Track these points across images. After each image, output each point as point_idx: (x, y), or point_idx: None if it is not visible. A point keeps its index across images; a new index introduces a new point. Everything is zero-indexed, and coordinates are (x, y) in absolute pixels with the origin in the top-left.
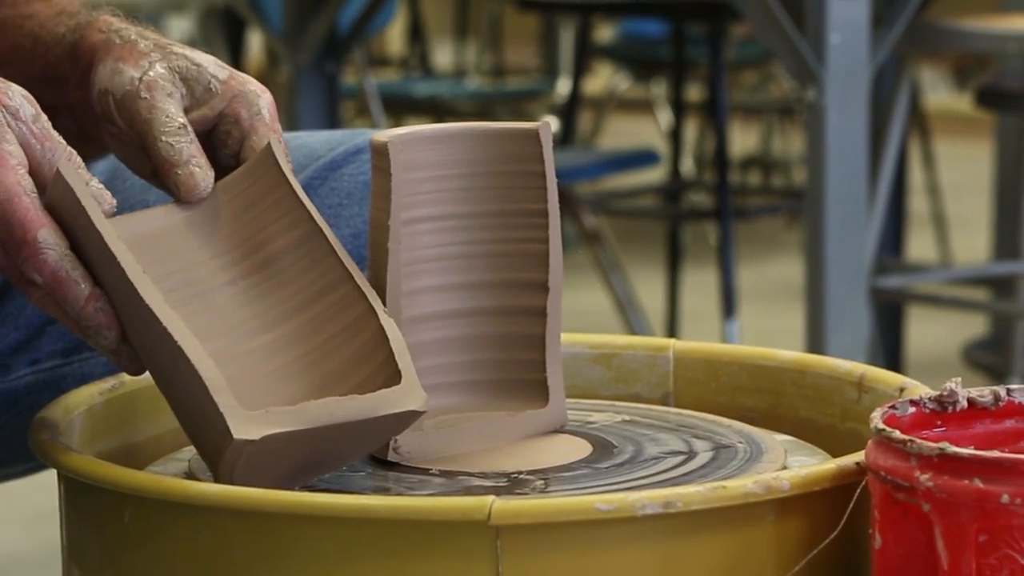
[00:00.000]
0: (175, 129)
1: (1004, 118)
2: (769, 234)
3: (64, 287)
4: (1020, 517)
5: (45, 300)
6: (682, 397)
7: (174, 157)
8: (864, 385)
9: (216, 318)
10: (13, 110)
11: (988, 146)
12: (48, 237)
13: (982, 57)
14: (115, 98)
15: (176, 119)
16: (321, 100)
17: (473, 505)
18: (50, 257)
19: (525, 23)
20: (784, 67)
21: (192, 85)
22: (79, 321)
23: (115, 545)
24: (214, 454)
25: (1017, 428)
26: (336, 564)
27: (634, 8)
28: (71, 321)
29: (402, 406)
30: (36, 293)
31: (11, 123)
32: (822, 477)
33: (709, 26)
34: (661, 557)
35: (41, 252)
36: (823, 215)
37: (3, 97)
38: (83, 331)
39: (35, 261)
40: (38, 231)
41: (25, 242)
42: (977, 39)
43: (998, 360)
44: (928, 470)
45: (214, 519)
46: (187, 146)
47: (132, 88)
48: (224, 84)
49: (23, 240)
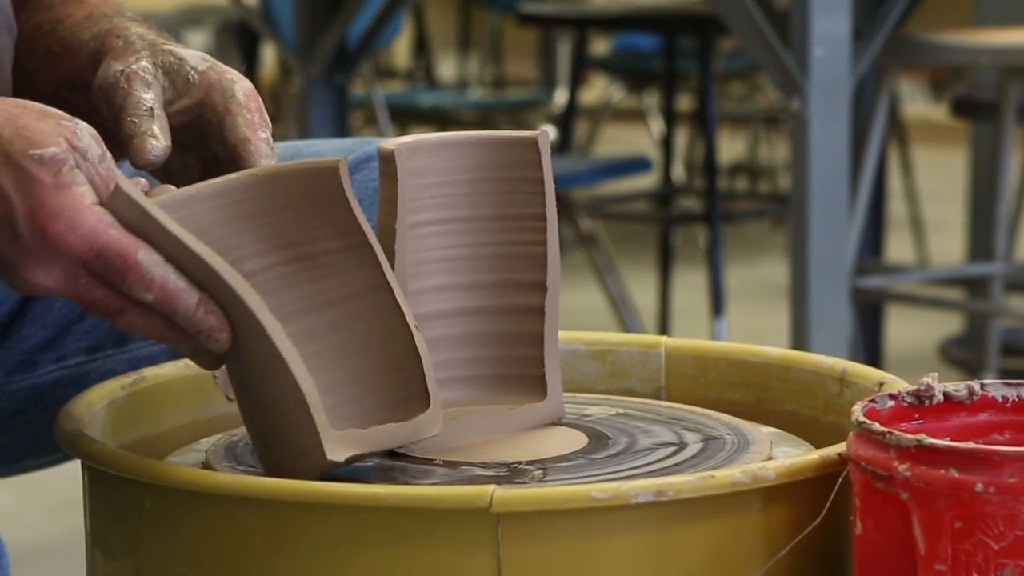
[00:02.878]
0: (142, 111)
1: (978, 127)
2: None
3: (175, 298)
4: (993, 505)
5: (148, 320)
6: (673, 391)
7: (133, 130)
8: (845, 380)
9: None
10: (82, 151)
11: (963, 153)
12: (147, 257)
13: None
14: (102, 91)
15: (145, 103)
16: (331, 110)
17: (475, 494)
18: (156, 274)
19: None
20: (770, 78)
21: (173, 78)
22: (192, 326)
23: (136, 532)
24: (290, 460)
25: (990, 421)
26: (345, 550)
27: (627, 23)
28: (177, 334)
29: (432, 431)
30: (135, 315)
31: (81, 164)
32: (806, 467)
33: (698, 40)
34: (653, 543)
35: (147, 272)
36: (807, 219)
37: (73, 139)
38: (191, 339)
39: (144, 282)
40: (137, 254)
41: (128, 268)
42: (953, 52)
43: (972, 356)
44: (906, 460)
45: (230, 507)
46: (146, 121)
47: (115, 80)
48: (201, 75)
49: (125, 267)
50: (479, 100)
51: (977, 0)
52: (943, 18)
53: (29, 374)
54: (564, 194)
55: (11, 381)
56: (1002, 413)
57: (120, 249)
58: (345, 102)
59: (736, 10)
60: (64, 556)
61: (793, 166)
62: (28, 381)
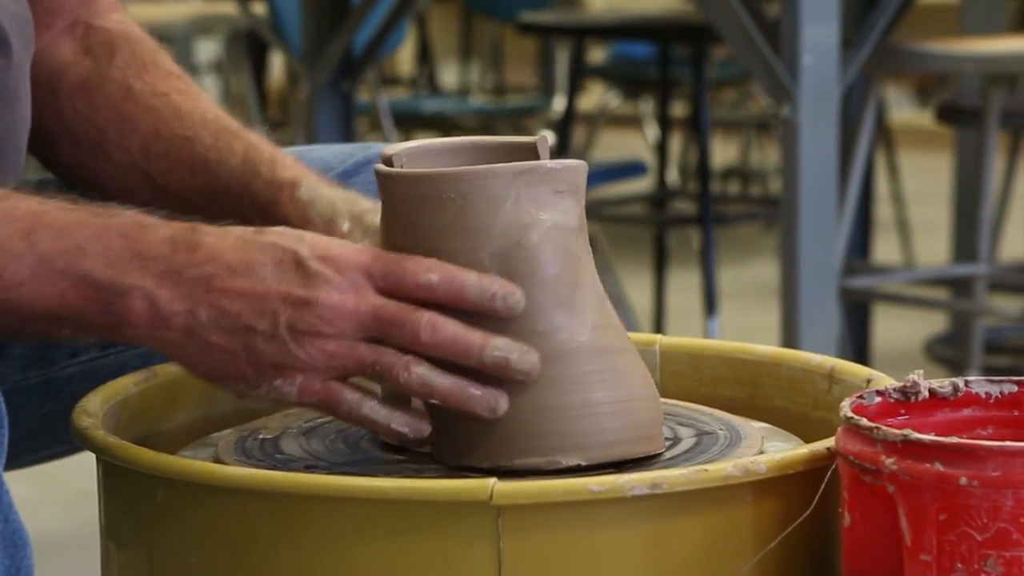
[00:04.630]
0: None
1: (962, 132)
2: (747, 239)
3: (461, 340)
4: (977, 497)
5: (425, 375)
6: (668, 388)
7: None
8: (834, 377)
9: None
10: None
11: (948, 158)
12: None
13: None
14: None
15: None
16: (337, 116)
17: (477, 487)
18: (447, 324)
19: (524, 45)
20: (761, 86)
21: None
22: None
23: (149, 524)
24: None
25: (974, 416)
26: (351, 541)
27: (623, 32)
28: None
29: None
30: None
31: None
32: (796, 461)
33: (692, 48)
34: (649, 534)
35: (437, 322)
36: (797, 221)
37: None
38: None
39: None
40: (420, 321)
41: (407, 322)
42: (938, 60)
43: (957, 354)
44: (893, 454)
45: (239, 500)
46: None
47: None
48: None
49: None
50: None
51: (961, 10)
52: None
53: (45, 369)
54: None
55: (27, 377)
56: (985, 409)
57: (397, 316)
58: (351, 108)
59: (728, 19)
60: (79, 547)
61: (784, 170)
62: (44, 376)
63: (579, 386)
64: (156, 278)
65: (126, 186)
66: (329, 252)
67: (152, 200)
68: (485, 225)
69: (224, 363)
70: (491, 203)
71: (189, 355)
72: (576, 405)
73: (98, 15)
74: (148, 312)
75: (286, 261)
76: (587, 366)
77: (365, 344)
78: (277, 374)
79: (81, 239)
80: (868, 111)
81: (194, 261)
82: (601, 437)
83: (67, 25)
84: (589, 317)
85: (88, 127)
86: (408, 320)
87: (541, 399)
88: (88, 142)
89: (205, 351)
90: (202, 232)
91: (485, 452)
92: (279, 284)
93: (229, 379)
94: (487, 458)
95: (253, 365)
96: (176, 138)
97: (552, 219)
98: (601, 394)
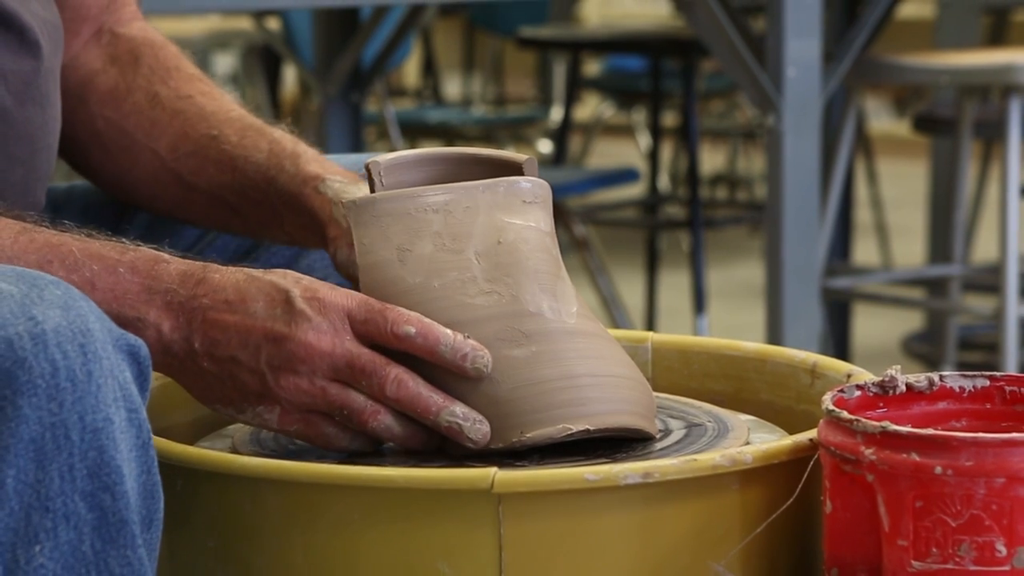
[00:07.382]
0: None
1: (938, 141)
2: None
3: (422, 401)
4: (951, 486)
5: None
6: (659, 382)
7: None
8: (816, 372)
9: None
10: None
11: (924, 165)
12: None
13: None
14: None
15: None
16: (347, 126)
17: (478, 475)
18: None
19: (523, 59)
20: (747, 97)
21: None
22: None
23: (169, 510)
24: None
25: (949, 409)
26: (359, 527)
27: (617, 46)
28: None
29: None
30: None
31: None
32: (780, 451)
33: (682, 61)
34: (641, 521)
35: (403, 379)
36: (781, 225)
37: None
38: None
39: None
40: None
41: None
42: (915, 72)
43: (932, 350)
44: (872, 445)
45: (254, 488)
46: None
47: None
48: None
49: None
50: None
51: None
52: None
53: None
54: (559, 202)
55: None
56: (959, 402)
57: (371, 367)
58: (360, 118)
59: (716, 34)
60: None
61: (769, 177)
62: None
63: (578, 359)
64: (160, 309)
65: (156, 187)
66: (317, 294)
67: (183, 198)
68: (466, 232)
69: (214, 388)
70: (466, 213)
71: (186, 379)
72: (579, 374)
73: (122, 23)
74: (155, 340)
75: (277, 299)
76: (580, 343)
77: (337, 385)
78: (259, 402)
79: (92, 273)
80: (848, 121)
81: (196, 294)
82: (605, 405)
83: (93, 32)
84: (573, 306)
85: (117, 133)
86: (376, 372)
87: (543, 373)
88: (117, 147)
89: (198, 376)
90: (212, 270)
91: (498, 433)
92: (264, 320)
93: (219, 403)
94: (500, 439)
95: (238, 392)
96: (203, 138)
97: (524, 223)
98: (600, 365)
